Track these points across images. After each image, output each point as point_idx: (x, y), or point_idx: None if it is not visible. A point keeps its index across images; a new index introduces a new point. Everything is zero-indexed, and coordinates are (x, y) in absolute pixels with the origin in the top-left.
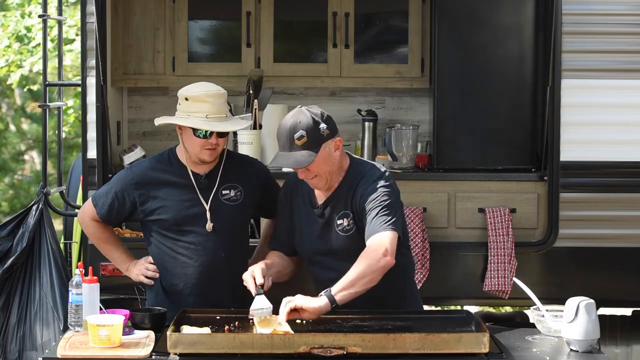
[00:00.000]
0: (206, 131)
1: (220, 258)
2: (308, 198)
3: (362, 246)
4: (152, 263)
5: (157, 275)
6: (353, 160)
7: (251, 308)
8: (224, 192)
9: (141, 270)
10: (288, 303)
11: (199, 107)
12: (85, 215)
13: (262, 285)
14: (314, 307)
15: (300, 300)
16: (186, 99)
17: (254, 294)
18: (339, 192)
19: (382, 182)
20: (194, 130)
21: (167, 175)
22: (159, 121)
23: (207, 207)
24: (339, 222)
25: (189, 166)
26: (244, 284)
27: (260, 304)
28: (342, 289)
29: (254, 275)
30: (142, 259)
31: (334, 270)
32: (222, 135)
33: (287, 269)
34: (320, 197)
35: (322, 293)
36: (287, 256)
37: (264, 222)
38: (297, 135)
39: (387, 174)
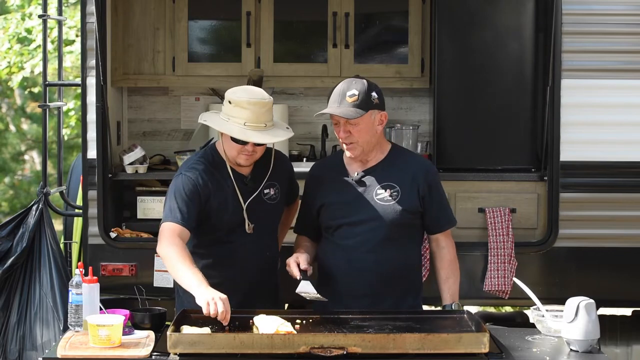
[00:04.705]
0: None
1: (266, 257)
2: (340, 171)
3: (396, 217)
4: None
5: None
6: (395, 144)
7: (297, 290)
8: (265, 191)
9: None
10: None
11: (239, 112)
12: (166, 237)
13: (306, 271)
14: None
15: None
16: (229, 102)
17: (298, 278)
18: (380, 166)
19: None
20: None
21: (216, 177)
22: (201, 119)
23: (244, 208)
24: (379, 191)
25: (233, 167)
26: (287, 268)
27: (307, 288)
28: (454, 291)
29: (298, 261)
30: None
31: (354, 238)
32: (259, 143)
33: (313, 257)
34: (354, 169)
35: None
36: (314, 242)
37: None
38: (349, 93)
39: None
